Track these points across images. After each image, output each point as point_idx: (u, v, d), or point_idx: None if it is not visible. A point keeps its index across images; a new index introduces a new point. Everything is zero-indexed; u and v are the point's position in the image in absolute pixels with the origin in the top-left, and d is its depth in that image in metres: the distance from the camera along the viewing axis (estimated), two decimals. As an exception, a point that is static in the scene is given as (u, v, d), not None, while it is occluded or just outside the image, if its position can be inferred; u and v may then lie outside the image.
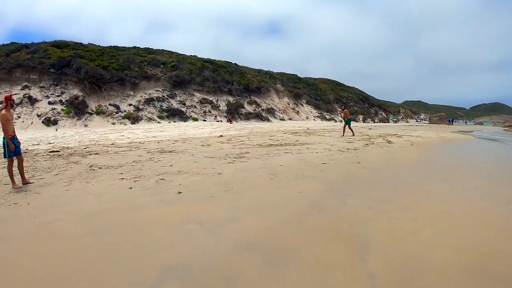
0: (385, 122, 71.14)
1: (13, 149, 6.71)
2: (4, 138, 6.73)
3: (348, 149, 12.51)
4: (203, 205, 5.47)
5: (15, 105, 7.89)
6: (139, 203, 5.55)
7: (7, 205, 5.49)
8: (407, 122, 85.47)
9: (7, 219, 4.89)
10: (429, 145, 15.99)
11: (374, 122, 65.96)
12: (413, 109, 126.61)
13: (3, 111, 6.73)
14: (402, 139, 17.87)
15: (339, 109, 61.64)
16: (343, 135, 19.49)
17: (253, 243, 3.98)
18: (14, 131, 6.88)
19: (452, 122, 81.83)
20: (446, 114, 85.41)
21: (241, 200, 5.70)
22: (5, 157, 6.80)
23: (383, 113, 79.63)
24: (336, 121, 51.95)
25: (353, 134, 19.86)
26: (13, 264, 3.55)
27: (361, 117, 66.66)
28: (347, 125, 20.17)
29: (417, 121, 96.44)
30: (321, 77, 79.81)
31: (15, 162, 6.82)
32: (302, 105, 56.66)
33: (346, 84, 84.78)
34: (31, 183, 6.94)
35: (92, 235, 4.24)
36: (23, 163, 7.05)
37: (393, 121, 77.36)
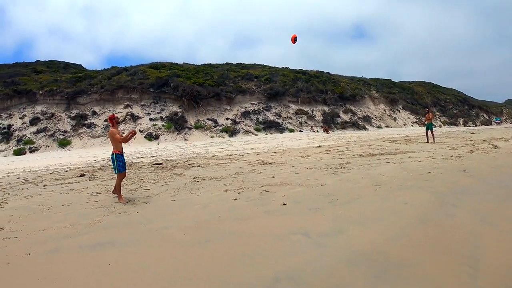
0: (487, 125, 65.37)
1: (134, 133, 7.06)
2: (113, 154, 7.12)
3: (452, 156, 11.71)
4: (308, 216, 5.47)
5: (119, 122, 8.49)
6: (244, 213, 5.75)
7: (117, 213, 6.11)
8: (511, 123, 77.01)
9: (119, 225, 5.42)
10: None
11: (475, 125, 61.18)
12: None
13: (112, 128, 7.25)
14: (509, 143, 16.19)
15: (438, 113, 58.59)
16: (429, 141, 18.11)
17: (360, 255, 3.93)
18: (122, 147, 7.34)
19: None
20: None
21: (346, 212, 5.62)
22: (115, 171, 7.23)
23: (484, 115, 73.16)
24: (435, 126, 48.97)
25: (429, 141, 18.24)
26: (123, 267, 3.88)
27: (461, 120, 62.58)
28: (429, 130, 18.64)
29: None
30: (415, 79, 77.20)
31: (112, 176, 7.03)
32: (399, 111, 54.30)
33: (443, 86, 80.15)
34: (120, 200, 6.98)
35: (200, 244, 4.48)
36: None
37: (496, 123, 70.53)
